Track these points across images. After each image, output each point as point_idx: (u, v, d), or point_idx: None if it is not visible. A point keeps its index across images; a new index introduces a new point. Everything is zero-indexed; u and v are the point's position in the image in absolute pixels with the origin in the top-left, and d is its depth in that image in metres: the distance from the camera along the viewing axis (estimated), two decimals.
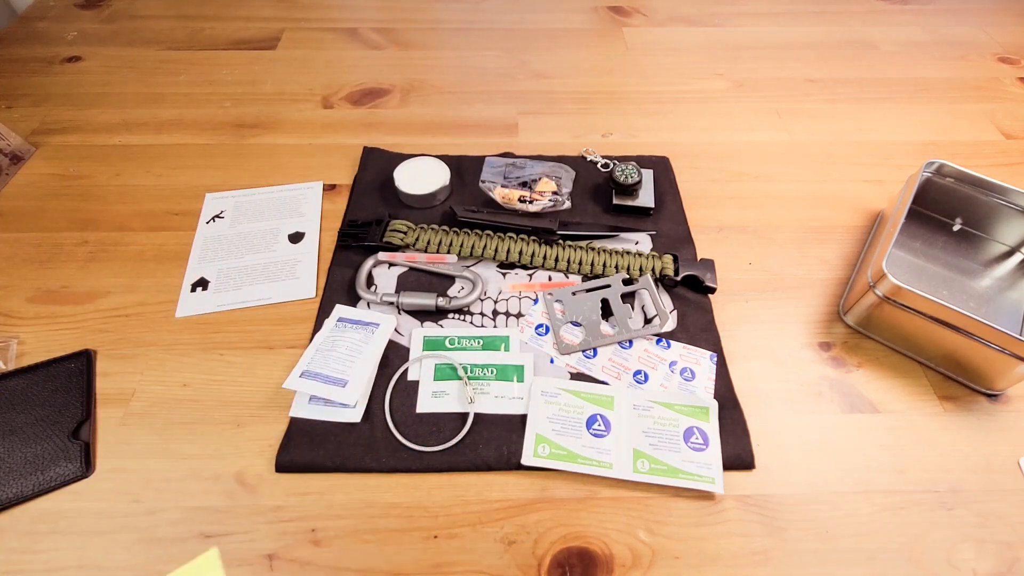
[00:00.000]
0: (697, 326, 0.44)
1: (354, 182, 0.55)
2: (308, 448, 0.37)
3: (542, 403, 0.39)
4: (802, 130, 0.62)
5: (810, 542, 0.35)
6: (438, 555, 0.34)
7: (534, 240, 0.48)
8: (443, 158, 0.55)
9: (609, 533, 0.35)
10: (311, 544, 0.34)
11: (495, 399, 0.40)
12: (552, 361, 0.42)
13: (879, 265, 0.41)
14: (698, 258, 0.48)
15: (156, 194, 0.53)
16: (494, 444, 0.38)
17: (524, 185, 0.52)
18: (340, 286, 0.47)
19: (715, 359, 0.42)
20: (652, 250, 0.49)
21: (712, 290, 0.46)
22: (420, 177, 0.52)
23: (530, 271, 0.48)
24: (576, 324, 0.44)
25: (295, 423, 0.39)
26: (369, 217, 0.50)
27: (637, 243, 0.50)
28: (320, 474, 0.37)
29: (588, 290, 0.46)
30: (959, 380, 0.42)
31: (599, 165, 0.57)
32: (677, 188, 0.55)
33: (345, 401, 0.38)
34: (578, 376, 0.41)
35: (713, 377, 0.42)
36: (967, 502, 0.36)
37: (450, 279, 0.47)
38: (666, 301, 0.46)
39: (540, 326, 0.44)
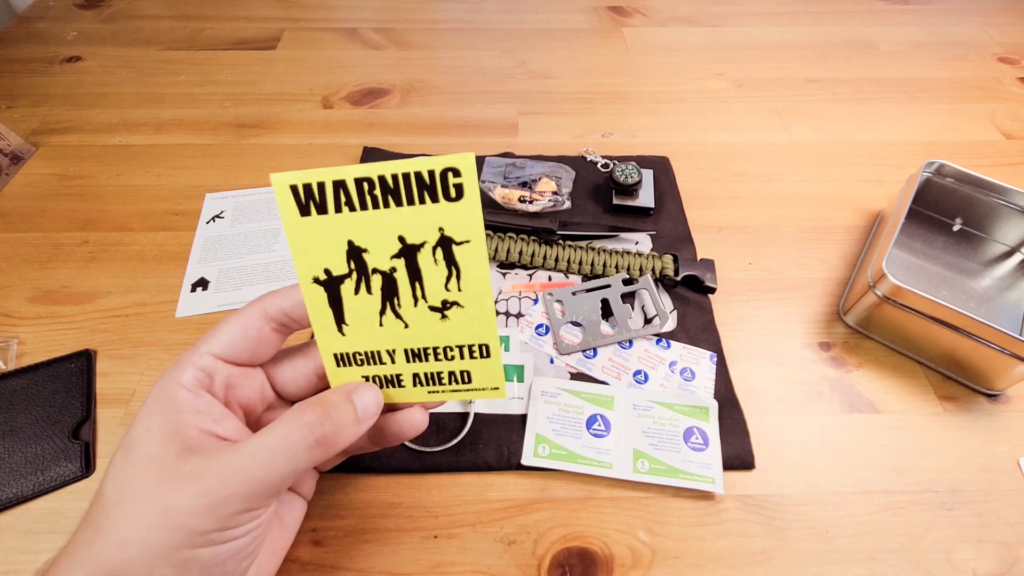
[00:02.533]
0: (697, 326, 0.44)
1: None
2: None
3: (542, 403, 0.39)
4: (802, 130, 0.62)
5: (810, 542, 0.35)
6: (438, 555, 0.34)
7: (534, 240, 0.49)
8: None
9: (609, 533, 0.35)
10: (311, 544, 0.34)
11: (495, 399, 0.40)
12: (552, 361, 0.42)
13: (879, 265, 0.41)
14: (698, 258, 0.48)
15: (156, 194, 0.53)
16: (494, 444, 0.38)
17: (524, 185, 0.52)
18: None
19: (715, 359, 0.42)
20: (652, 250, 0.49)
21: (712, 290, 0.46)
22: None
23: (530, 271, 0.48)
24: (576, 324, 0.44)
25: None
26: None
27: (637, 243, 0.50)
28: (320, 474, 0.37)
29: (588, 290, 0.46)
30: (959, 380, 0.42)
31: (599, 165, 0.57)
32: (677, 188, 0.55)
33: None
34: (578, 376, 0.42)
35: (713, 377, 0.42)
36: (967, 502, 0.36)
37: None
38: (666, 301, 0.46)
39: (540, 326, 0.44)
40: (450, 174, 0.23)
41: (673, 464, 0.37)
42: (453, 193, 0.24)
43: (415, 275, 0.25)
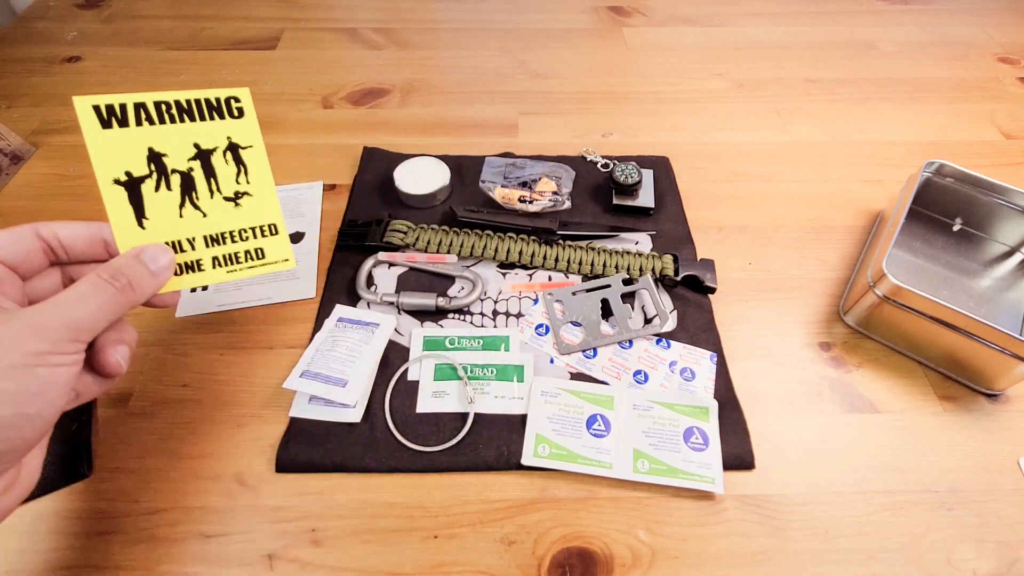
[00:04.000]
0: (697, 326, 0.44)
1: (354, 182, 0.55)
2: (308, 448, 0.37)
3: (542, 403, 0.39)
4: (802, 130, 0.62)
5: (810, 542, 0.35)
6: (438, 555, 0.34)
7: (534, 240, 0.49)
8: (443, 158, 0.55)
9: (609, 533, 0.35)
10: (311, 544, 0.34)
11: (495, 399, 0.40)
12: (552, 361, 0.42)
13: (879, 265, 0.41)
14: (698, 258, 0.48)
15: None
16: (494, 444, 0.38)
17: (524, 185, 0.52)
18: (340, 286, 0.47)
19: (715, 359, 0.42)
20: (652, 250, 0.49)
21: (712, 290, 0.46)
22: (420, 177, 0.52)
23: (530, 271, 0.48)
24: (576, 324, 0.44)
25: (295, 423, 0.39)
26: (369, 217, 0.50)
27: (637, 243, 0.50)
28: (320, 474, 0.37)
29: (588, 290, 0.46)
30: (959, 380, 0.42)
31: (599, 165, 0.57)
32: (677, 188, 0.55)
33: (345, 401, 0.38)
34: (578, 376, 0.42)
35: (713, 377, 0.42)
36: (967, 502, 0.36)
37: (450, 279, 0.47)
38: (666, 301, 0.46)
39: (540, 326, 0.44)
40: (232, 100, 0.32)
41: (673, 464, 0.37)
42: (236, 113, 0.32)
43: (210, 173, 0.32)
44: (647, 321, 0.44)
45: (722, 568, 0.34)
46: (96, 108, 0.30)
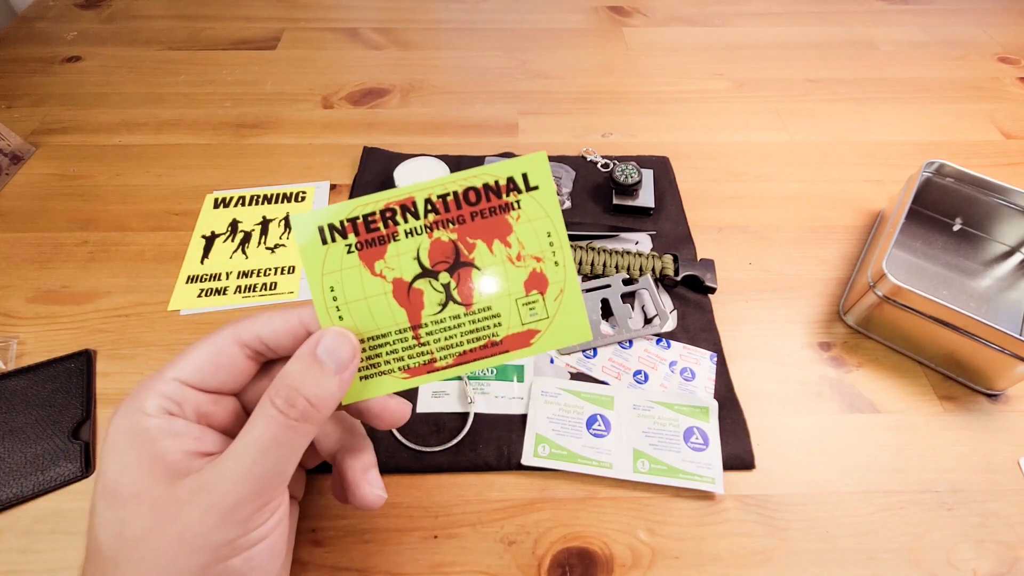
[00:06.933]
0: (697, 326, 0.44)
1: (354, 182, 0.55)
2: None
3: (542, 403, 0.39)
4: (802, 130, 0.62)
5: (810, 542, 0.35)
6: (438, 555, 0.34)
7: None
8: (443, 158, 0.55)
9: (609, 533, 0.35)
10: (311, 544, 0.34)
11: (495, 399, 0.40)
12: (552, 361, 0.42)
13: (879, 265, 0.41)
14: (698, 258, 0.48)
15: (156, 194, 0.53)
16: (494, 444, 0.38)
17: None
18: None
19: (715, 359, 0.42)
20: (652, 250, 0.49)
21: (712, 290, 0.46)
22: (420, 177, 0.52)
23: None
24: None
25: None
26: None
27: (637, 243, 0.50)
28: (320, 474, 0.37)
29: (588, 290, 0.46)
30: (959, 380, 0.42)
31: (599, 165, 0.57)
32: (677, 188, 0.55)
33: None
34: (578, 376, 0.41)
35: (713, 377, 0.42)
36: (967, 502, 0.36)
37: None
38: (666, 301, 0.46)
39: None
40: (301, 193, 0.47)
41: (673, 464, 0.37)
42: (299, 199, 0.47)
43: (264, 232, 0.47)
44: (647, 321, 0.44)
45: (722, 568, 0.34)
46: (215, 199, 0.49)
